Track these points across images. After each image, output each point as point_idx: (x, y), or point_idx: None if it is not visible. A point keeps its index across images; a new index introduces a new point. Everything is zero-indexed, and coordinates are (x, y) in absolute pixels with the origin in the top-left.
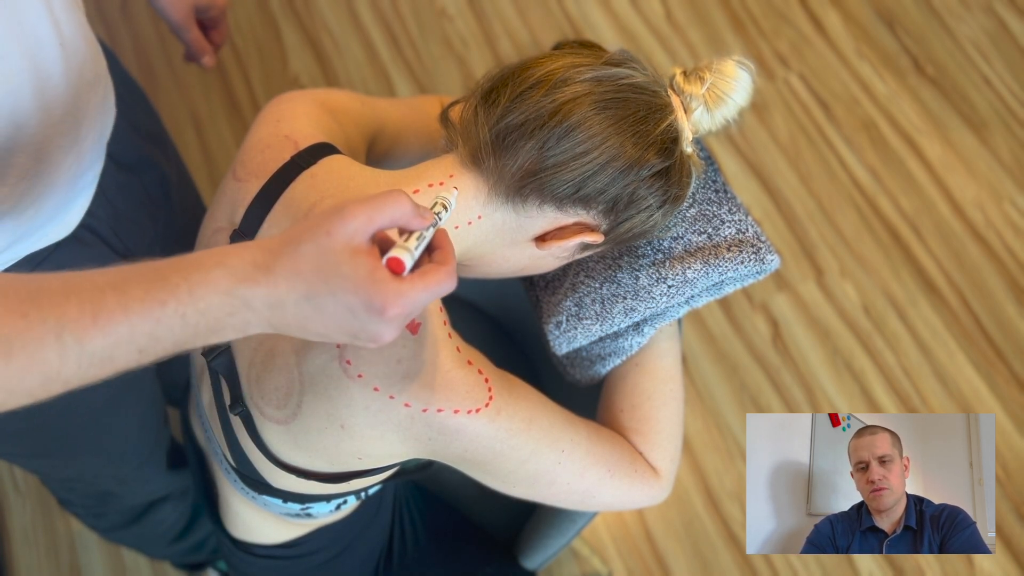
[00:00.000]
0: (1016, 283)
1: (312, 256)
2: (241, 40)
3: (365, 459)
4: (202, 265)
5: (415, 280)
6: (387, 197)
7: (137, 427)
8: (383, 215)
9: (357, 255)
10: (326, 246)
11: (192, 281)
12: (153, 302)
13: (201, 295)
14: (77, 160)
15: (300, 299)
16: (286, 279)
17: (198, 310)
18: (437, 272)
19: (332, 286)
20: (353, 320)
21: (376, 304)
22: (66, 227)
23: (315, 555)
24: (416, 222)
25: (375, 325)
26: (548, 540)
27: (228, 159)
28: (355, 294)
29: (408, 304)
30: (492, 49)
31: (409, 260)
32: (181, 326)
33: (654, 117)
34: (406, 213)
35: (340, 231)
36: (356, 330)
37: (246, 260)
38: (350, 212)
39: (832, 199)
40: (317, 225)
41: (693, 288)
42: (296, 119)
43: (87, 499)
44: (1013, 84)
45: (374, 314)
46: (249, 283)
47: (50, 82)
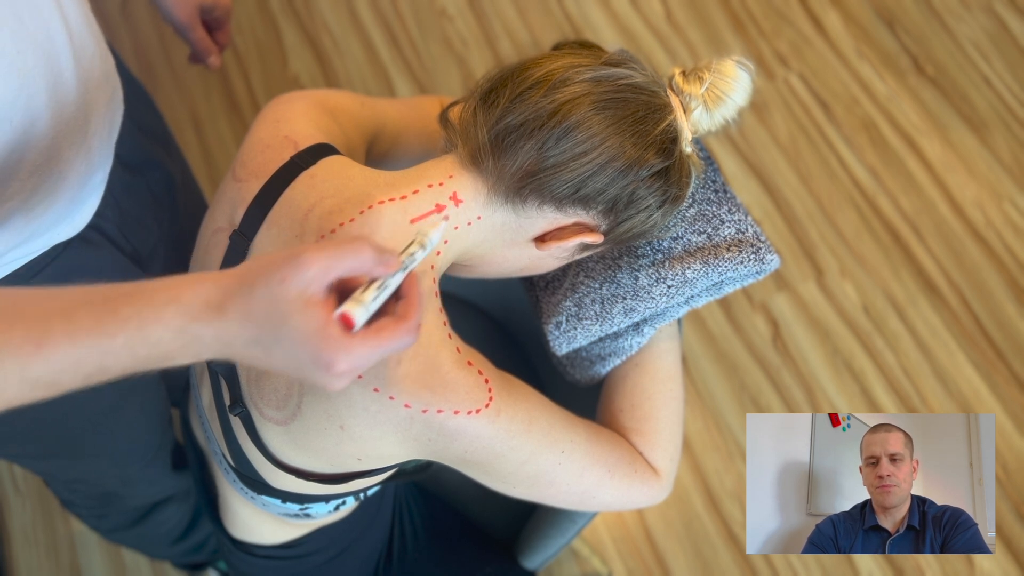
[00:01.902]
0: (1016, 283)
1: (264, 302)
2: (241, 40)
3: (365, 460)
4: (154, 300)
5: (367, 338)
6: (347, 245)
7: (142, 428)
8: (341, 264)
9: (308, 307)
10: (279, 294)
11: (143, 317)
12: (102, 335)
13: (152, 331)
14: (87, 158)
15: (249, 341)
16: (237, 321)
17: (148, 344)
18: (394, 329)
19: (280, 336)
20: (300, 371)
21: (323, 360)
22: (75, 227)
23: (315, 555)
24: (379, 270)
25: (323, 379)
26: (548, 540)
27: (228, 159)
28: (303, 347)
29: (356, 361)
30: (492, 49)
31: (362, 315)
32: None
33: (653, 117)
34: (367, 261)
35: (294, 279)
36: (304, 377)
37: (199, 297)
38: (306, 260)
39: (832, 199)
40: (273, 269)
41: (693, 288)
42: (296, 120)
43: (91, 500)
44: (1013, 84)
45: (321, 369)
46: (200, 322)
47: (62, 79)
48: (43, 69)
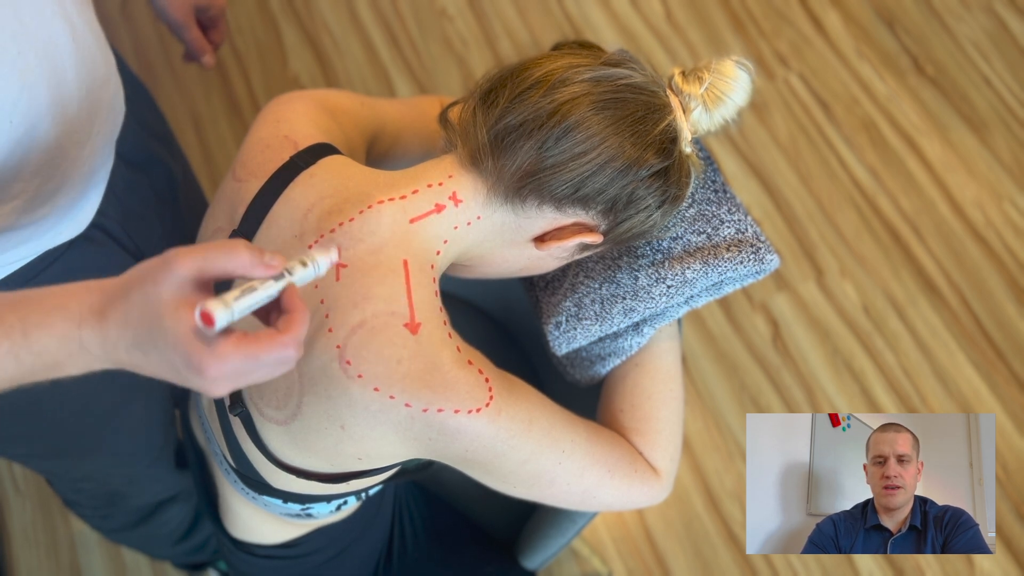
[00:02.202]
0: (1016, 283)
1: (139, 306)
2: (241, 40)
3: (365, 459)
4: (41, 306)
5: (240, 343)
6: (220, 246)
7: (146, 427)
8: (213, 265)
9: (180, 308)
10: (152, 296)
11: (28, 323)
12: None
13: (36, 338)
14: (89, 157)
15: (130, 346)
16: (116, 326)
17: (33, 352)
18: (270, 341)
19: (155, 338)
20: (176, 374)
21: (194, 363)
22: (78, 226)
23: (315, 555)
24: (257, 271)
25: (199, 383)
26: (548, 540)
27: (228, 159)
28: (175, 350)
29: (227, 368)
30: (492, 49)
31: (223, 314)
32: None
33: (653, 117)
34: (242, 263)
35: (166, 281)
36: (182, 381)
37: (84, 303)
38: (177, 261)
39: (832, 199)
40: (147, 272)
41: (692, 288)
42: (296, 119)
43: (95, 500)
44: (1013, 84)
45: (193, 372)
46: (85, 328)
47: (64, 78)
48: (45, 70)
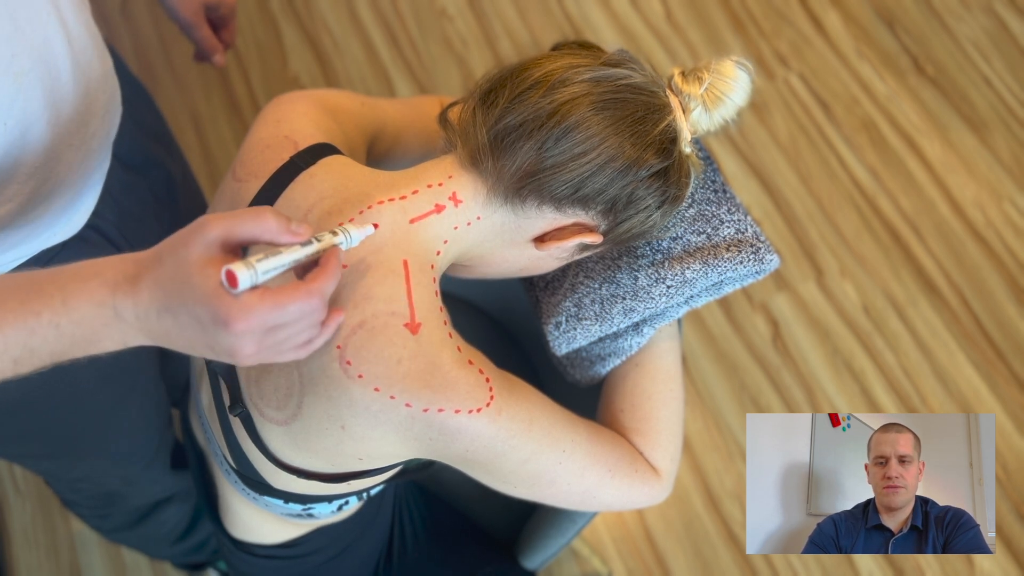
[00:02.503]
0: (1016, 283)
1: (170, 267)
2: (241, 40)
3: (366, 459)
4: (79, 275)
5: (264, 295)
6: (248, 211)
7: (144, 427)
8: (242, 229)
9: (207, 267)
10: (183, 257)
11: (67, 291)
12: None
13: (75, 305)
14: (85, 159)
15: (161, 310)
16: (148, 289)
17: (72, 320)
18: (294, 291)
19: (184, 296)
20: (204, 333)
21: (220, 316)
22: (73, 227)
23: (315, 555)
24: (283, 238)
25: (225, 338)
26: (548, 540)
27: (228, 159)
28: (202, 305)
29: (255, 319)
30: (492, 49)
31: (245, 275)
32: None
33: (652, 117)
34: (269, 229)
35: (196, 242)
36: (211, 343)
37: (119, 270)
38: (207, 224)
39: (832, 199)
40: (179, 237)
41: (692, 288)
42: (296, 119)
43: (92, 500)
44: (1013, 84)
45: (220, 326)
46: (120, 293)
47: (59, 81)
48: (40, 72)
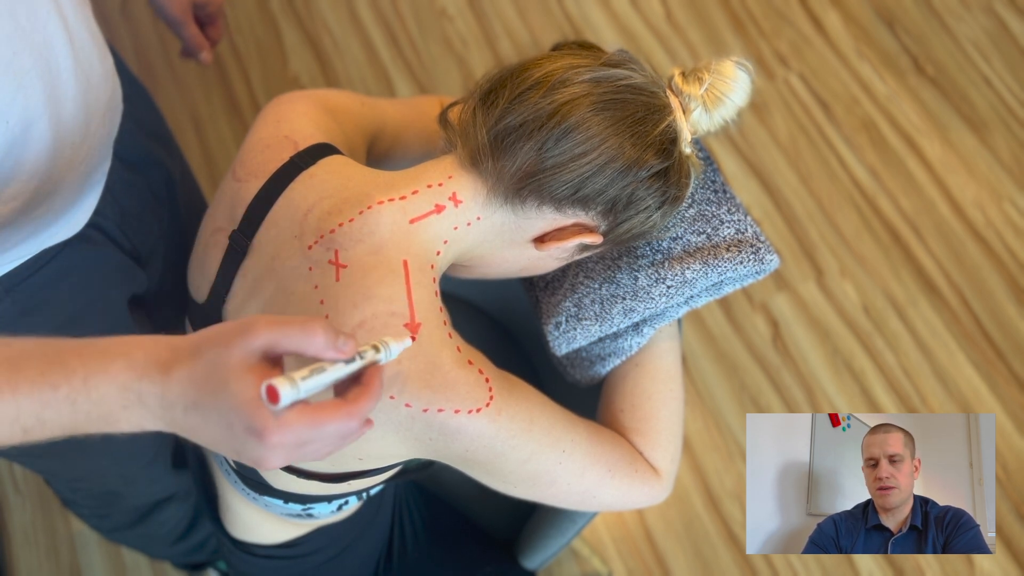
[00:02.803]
0: (1016, 283)
1: (207, 366)
2: (241, 40)
3: (366, 459)
4: (107, 353)
5: (304, 413)
6: (300, 324)
7: None
8: (288, 341)
9: (248, 374)
10: (222, 359)
11: (90, 368)
12: (45, 385)
13: (96, 384)
14: (87, 157)
15: (189, 406)
16: (179, 382)
17: (91, 399)
18: (335, 411)
19: (218, 400)
20: (233, 439)
21: (256, 428)
22: (75, 225)
23: (315, 555)
24: (328, 354)
25: (255, 449)
26: (548, 540)
27: (228, 159)
28: (237, 413)
29: (289, 435)
30: (492, 49)
31: (289, 392)
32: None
33: (653, 118)
34: (315, 344)
35: (239, 346)
36: (239, 448)
37: (151, 355)
38: (253, 330)
39: (832, 199)
40: (222, 335)
41: (692, 288)
42: (296, 119)
43: (92, 499)
44: (1013, 84)
45: (253, 437)
46: (146, 380)
47: (60, 80)
48: (40, 71)
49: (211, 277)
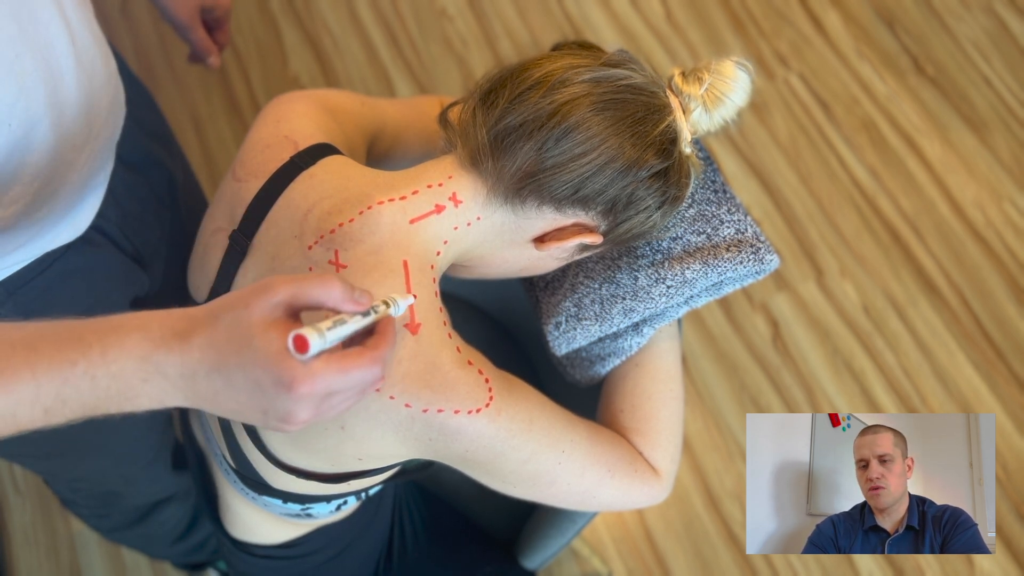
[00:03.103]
0: (1016, 283)
1: (228, 327)
2: (241, 40)
3: (365, 460)
4: (122, 327)
5: (331, 361)
6: (316, 278)
7: (145, 427)
8: (307, 295)
9: (271, 329)
10: (243, 318)
11: (107, 343)
12: (63, 361)
13: (114, 357)
14: (89, 160)
15: (211, 370)
16: (200, 348)
17: (109, 373)
18: (359, 357)
19: (243, 358)
20: (262, 396)
21: (284, 380)
22: (77, 228)
23: (315, 555)
24: (347, 305)
25: (284, 402)
26: (548, 540)
27: (228, 159)
28: (264, 368)
29: (319, 384)
30: (492, 49)
31: (316, 341)
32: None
33: (653, 118)
34: (333, 296)
35: (259, 305)
36: (266, 406)
37: (166, 326)
38: (272, 287)
39: (832, 199)
40: (239, 297)
41: (692, 288)
42: (296, 119)
43: (92, 499)
44: (1013, 84)
45: (282, 390)
46: (164, 350)
47: (63, 82)
48: (43, 73)
49: (211, 277)
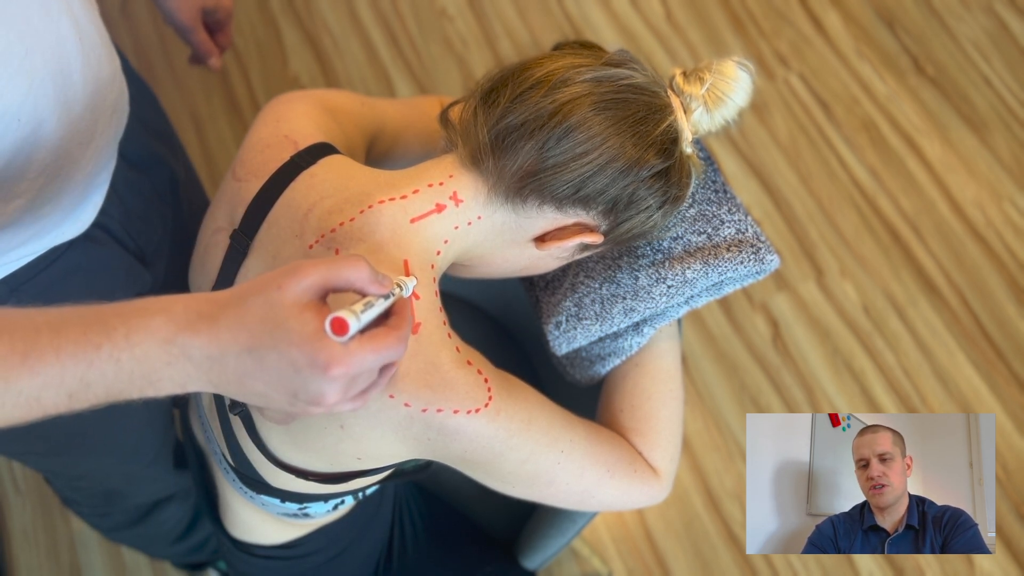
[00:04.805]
0: (1016, 283)
1: (259, 309)
2: (241, 40)
3: (364, 459)
4: (146, 310)
5: (364, 341)
6: (346, 260)
7: (146, 426)
8: (338, 277)
9: (305, 311)
10: (275, 300)
11: (131, 326)
12: (88, 344)
13: (138, 340)
14: (93, 157)
15: (242, 351)
16: (229, 329)
17: (134, 356)
18: (387, 336)
19: (276, 339)
20: (296, 376)
21: (321, 361)
22: (80, 225)
23: (315, 555)
24: (373, 288)
25: (318, 383)
26: (548, 540)
27: (228, 159)
28: (300, 348)
29: (354, 364)
30: (492, 49)
31: (354, 323)
32: (115, 371)
33: (654, 118)
34: (363, 278)
35: (291, 287)
36: (297, 388)
37: (191, 309)
38: (304, 270)
39: (832, 199)
40: (269, 280)
41: (692, 288)
42: (296, 119)
43: (93, 498)
44: (1013, 84)
45: (318, 371)
46: (189, 332)
47: (71, 79)
48: (52, 70)
49: (212, 277)
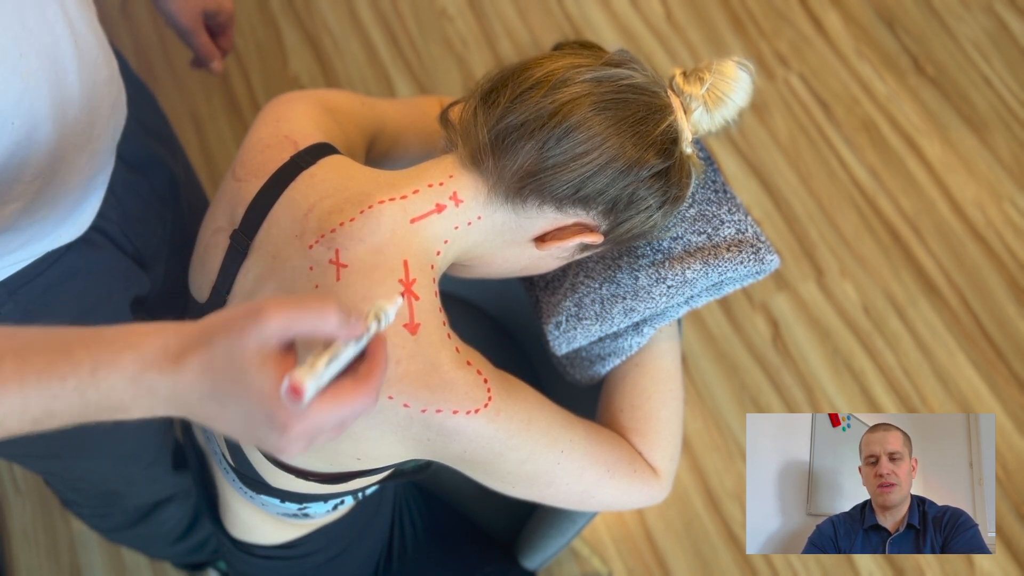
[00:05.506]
0: (1016, 283)
1: (222, 354)
2: (241, 40)
3: (364, 460)
4: (112, 345)
5: (325, 400)
6: (311, 304)
7: (144, 428)
8: (302, 323)
9: (266, 363)
10: (237, 348)
11: (97, 360)
12: (52, 376)
13: (104, 376)
14: (91, 160)
15: (205, 397)
16: (193, 373)
17: (99, 391)
18: (353, 392)
19: (237, 391)
20: (255, 429)
21: (279, 421)
22: (78, 228)
23: (315, 555)
24: (341, 333)
25: (277, 440)
26: (548, 540)
27: (228, 159)
28: (258, 406)
29: (312, 425)
30: (492, 49)
31: (311, 387)
32: (80, 403)
33: (654, 118)
34: (329, 325)
35: (253, 333)
36: (259, 439)
37: (158, 346)
38: (266, 314)
39: (832, 199)
40: (233, 321)
41: (692, 288)
42: (296, 119)
43: (92, 499)
44: (1013, 84)
45: (276, 430)
46: (155, 371)
47: (66, 81)
48: (47, 73)
49: (212, 277)
